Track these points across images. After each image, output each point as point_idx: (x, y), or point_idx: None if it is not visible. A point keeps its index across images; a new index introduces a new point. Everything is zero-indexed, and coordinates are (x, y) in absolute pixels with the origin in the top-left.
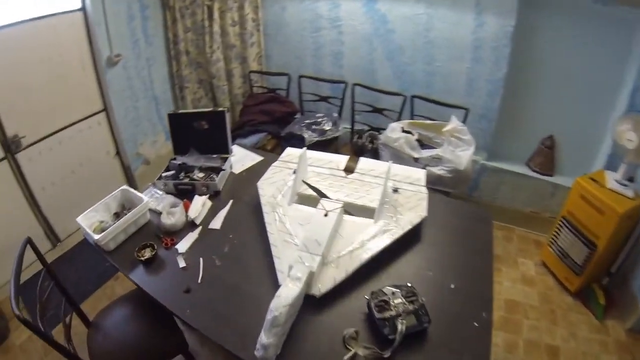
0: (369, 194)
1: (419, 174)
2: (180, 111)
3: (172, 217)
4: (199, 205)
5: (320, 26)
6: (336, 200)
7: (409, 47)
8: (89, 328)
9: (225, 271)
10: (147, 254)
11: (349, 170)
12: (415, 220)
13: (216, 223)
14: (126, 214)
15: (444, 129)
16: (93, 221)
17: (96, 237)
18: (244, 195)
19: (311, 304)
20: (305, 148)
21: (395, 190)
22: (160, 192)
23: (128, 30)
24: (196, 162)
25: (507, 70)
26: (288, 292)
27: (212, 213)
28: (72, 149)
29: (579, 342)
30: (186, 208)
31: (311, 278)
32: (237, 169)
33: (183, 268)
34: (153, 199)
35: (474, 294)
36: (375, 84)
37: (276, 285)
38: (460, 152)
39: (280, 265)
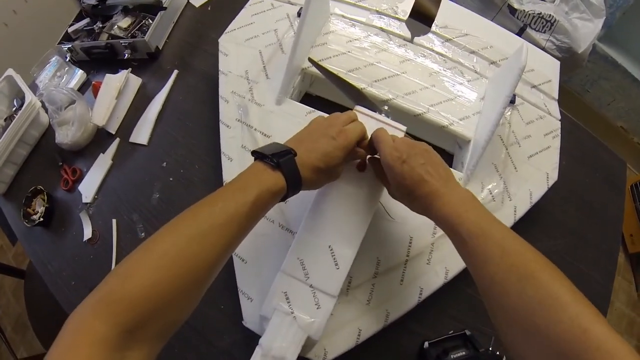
0: (455, 97)
1: (550, 67)
2: None
3: (68, 130)
4: (108, 96)
5: None
6: (385, 114)
7: None
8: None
9: None
10: (39, 208)
11: (420, 24)
12: (538, 189)
13: (141, 134)
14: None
15: None
16: None
17: None
18: (199, 58)
19: None
20: None
21: (511, 101)
22: (67, 67)
23: None
24: None
25: None
26: None
27: (139, 106)
28: None
29: None
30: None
31: (311, 343)
32: None
33: (89, 240)
34: (51, 87)
35: None
36: None
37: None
38: (577, 19)
39: (243, 273)
